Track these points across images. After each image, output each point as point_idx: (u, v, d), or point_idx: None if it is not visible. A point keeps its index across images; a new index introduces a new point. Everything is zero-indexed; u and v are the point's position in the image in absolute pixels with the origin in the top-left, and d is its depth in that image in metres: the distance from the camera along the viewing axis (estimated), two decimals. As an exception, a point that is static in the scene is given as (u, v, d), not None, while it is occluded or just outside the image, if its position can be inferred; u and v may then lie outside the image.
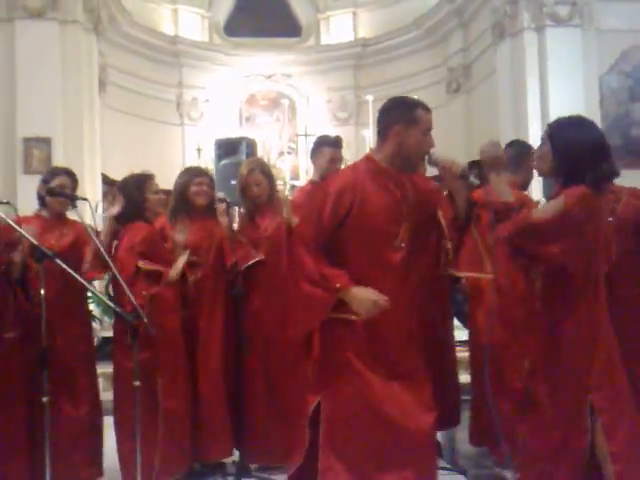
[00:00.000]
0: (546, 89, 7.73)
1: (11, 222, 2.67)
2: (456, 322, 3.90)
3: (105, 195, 7.55)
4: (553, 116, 2.95)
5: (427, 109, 2.48)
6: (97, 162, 8.08)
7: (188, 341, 3.46)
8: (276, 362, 3.53)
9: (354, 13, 11.07)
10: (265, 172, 3.72)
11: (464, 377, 3.71)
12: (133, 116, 9.66)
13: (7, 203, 3.00)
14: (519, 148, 3.48)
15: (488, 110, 8.77)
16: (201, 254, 3.57)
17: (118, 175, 8.98)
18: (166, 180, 4.03)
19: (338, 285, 2.30)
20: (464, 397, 3.55)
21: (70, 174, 3.48)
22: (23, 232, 2.65)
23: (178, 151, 10.52)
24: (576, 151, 2.37)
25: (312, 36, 11.30)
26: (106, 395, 3.64)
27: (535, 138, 3.32)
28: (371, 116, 9.37)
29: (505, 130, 7.85)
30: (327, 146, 3.82)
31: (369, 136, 8.91)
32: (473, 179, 2.44)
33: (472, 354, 3.47)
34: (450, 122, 9.24)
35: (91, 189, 7.43)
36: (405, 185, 2.45)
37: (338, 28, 11.13)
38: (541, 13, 7.80)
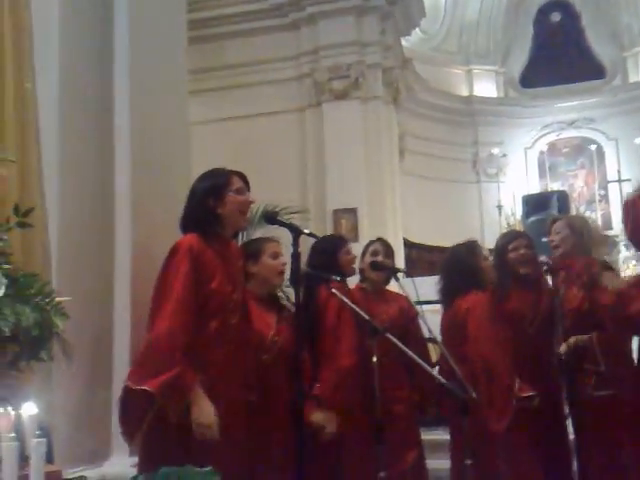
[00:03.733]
0: None
1: (344, 298, 2.74)
2: None
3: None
4: None
5: None
6: (399, 227, 8.33)
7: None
8: None
9: (666, 45, 10.09)
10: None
11: None
12: (429, 179, 9.87)
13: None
14: None
15: None
16: (524, 325, 3.31)
17: (418, 238, 9.20)
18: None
19: None
20: None
21: (387, 245, 3.48)
22: (355, 308, 2.71)
23: (475, 209, 10.43)
24: None
25: (618, 76, 10.50)
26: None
27: None
28: (697, 154, 8.22)
29: None
30: None
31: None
32: None
33: None
34: None
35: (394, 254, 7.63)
36: None
37: (648, 63, 10.23)
38: None
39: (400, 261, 7.71)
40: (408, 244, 8.52)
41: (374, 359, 2.75)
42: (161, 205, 2.76)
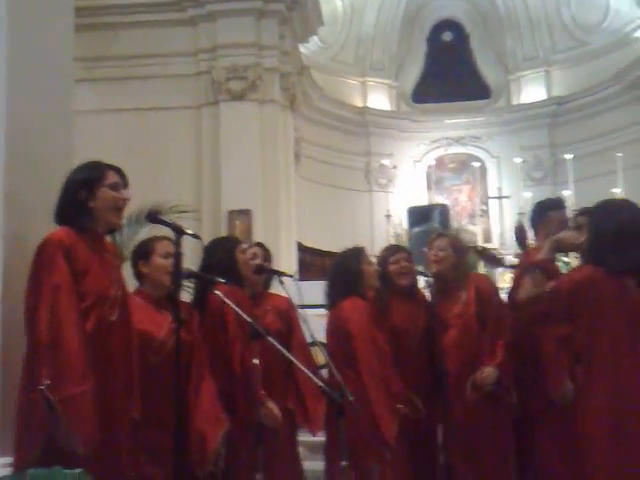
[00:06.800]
0: None
1: (226, 299, 2.70)
2: None
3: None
4: None
5: None
6: (293, 230, 8.37)
7: None
8: None
9: (547, 72, 10.86)
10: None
11: None
12: (324, 185, 10.00)
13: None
14: None
15: None
16: (406, 339, 3.40)
17: (311, 242, 9.27)
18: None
19: None
20: None
21: (266, 249, 3.53)
22: (238, 310, 2.68)
23: (366, 217, 10.68)
24: None
25: (502, 97, 11.14)
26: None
27: None
28: (571, 175, 8.85)
29: None
30: (551, 210, 3.59)
31: (568, 195, 8.35)
32: None
33: None
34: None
35: (287, 257, 7.67)
36: None
37: (530, 87, 10.95)
38: None
39: (293, 265, 7.76)
40: (301, 248, 8.58)
41: (255, 361, 2.76)
42: (38, 195, 2.60)
